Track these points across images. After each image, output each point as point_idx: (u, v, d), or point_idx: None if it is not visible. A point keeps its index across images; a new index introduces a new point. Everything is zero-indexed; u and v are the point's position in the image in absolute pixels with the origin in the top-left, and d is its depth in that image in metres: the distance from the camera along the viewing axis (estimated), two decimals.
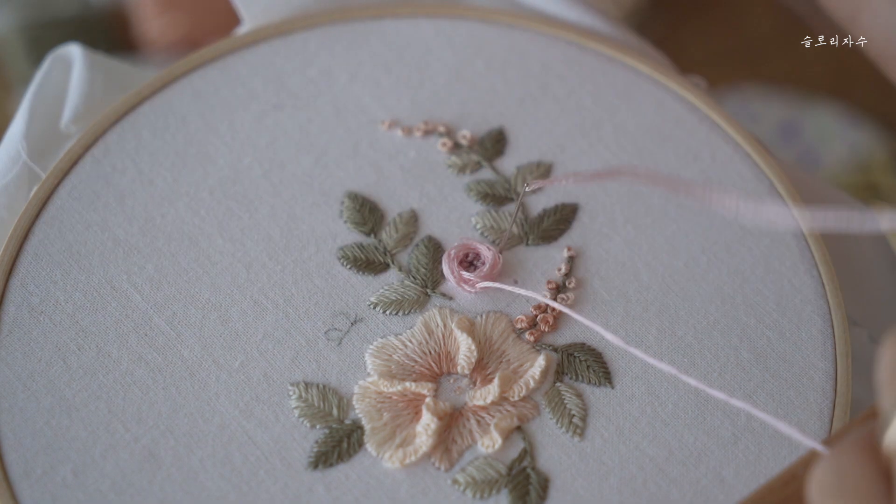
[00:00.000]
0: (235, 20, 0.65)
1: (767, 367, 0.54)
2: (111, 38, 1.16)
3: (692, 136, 0.60)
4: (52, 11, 1.13)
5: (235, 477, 0.51)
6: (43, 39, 1.10)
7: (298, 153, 0.59)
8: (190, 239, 0.56)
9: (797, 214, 0.44)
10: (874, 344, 0.58)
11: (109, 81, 0.61)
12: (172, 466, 0.51)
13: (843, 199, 0.63)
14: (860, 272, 0.60)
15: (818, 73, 1.25)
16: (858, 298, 0.59)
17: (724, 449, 0.52)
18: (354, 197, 0.58)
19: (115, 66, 0.62)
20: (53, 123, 0.60)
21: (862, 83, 1.22)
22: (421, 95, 0.61)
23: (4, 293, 0.54)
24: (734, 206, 0.45)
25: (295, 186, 0.58)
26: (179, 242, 0.56)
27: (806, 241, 0.57)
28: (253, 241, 0.56)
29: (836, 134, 1.15)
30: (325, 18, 0.63)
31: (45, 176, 0.57)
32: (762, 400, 0.53)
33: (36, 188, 0.57)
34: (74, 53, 0.61)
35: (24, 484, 0.50)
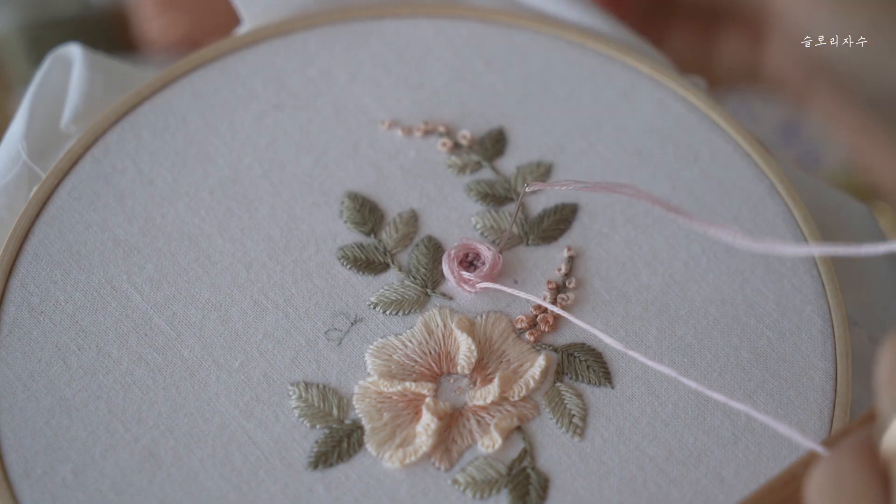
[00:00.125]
0: (235, 20, 0.65)
1: (767, 367, 0.54)
2: (111, 38, 1.16)
3: (692, 135, 0.60)
4: (52, 11, 1.13)
5: (235, 477, 0.51)
6: (43, 39, 1.10)
7: (298, 153, 0.59)
8: (190, 239, 0.56)
9: (796, 249, 0.44)
10: (874, 344, 0.58)
11: (109, 81, 0.61)
12: (172, 466, 0.51)
13: (843, 199, 0.63)
14: (860, 272, 0.60)
15: None
16: (858, 298, 0.59)
17: (724, 449, 0.52)
18: (354, 197, 0.58)
19: (115, 66, 0.62)
20: (53, 123, 0.60)
21: None
22: (421, 95, 0.61)
23: (4, 293, 0.54)
24: (732, 239, 0.45)
25: (295, 186, 0.58)
26: (179, 242, 0.56)
27: (806, 241, 0.57)
28: (253, 241, 0.56)
29: None
30: (325, 18, 0.63)
31: (45, 176, 0.57)
32: (762, 400, 0.53)
33: (36, 188, 0.57)
34: (74, 53, 0.61)
35: (24, 484, 0.50)
